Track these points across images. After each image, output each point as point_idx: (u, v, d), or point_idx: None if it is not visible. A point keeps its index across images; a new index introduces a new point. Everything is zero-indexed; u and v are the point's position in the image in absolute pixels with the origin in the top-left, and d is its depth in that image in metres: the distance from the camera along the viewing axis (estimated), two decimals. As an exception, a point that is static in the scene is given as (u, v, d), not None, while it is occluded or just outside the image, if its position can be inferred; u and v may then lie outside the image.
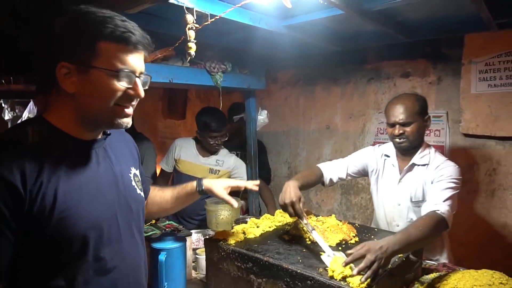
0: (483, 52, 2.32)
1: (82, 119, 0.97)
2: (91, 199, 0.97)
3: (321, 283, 1.15)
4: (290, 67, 3.39)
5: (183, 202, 1.45)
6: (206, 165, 2.59)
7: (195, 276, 1.75)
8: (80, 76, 0.91)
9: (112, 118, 0.97)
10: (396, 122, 1.74)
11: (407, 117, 1.72)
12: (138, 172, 1.21)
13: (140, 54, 0.97)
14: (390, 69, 2.84)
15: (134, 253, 1.11)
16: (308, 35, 2.15)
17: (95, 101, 0.94)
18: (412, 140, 1.76)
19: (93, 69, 0.91)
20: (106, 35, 0.89)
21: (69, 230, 0.92)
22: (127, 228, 1.08)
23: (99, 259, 0.98)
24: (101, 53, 0.90)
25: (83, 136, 1.00)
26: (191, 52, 1.31)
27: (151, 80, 1.98)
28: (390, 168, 1.90)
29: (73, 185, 0.94)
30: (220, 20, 1.44)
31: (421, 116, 1.76)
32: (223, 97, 2.29)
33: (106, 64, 0.91)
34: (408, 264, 1.36)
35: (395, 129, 1.75)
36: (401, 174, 1.84)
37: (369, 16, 1.77)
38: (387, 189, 1.90)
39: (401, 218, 1.86)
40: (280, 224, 1.73)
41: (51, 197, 0.90)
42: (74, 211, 0.92)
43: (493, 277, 1.27)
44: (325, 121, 3.27)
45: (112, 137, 1.11)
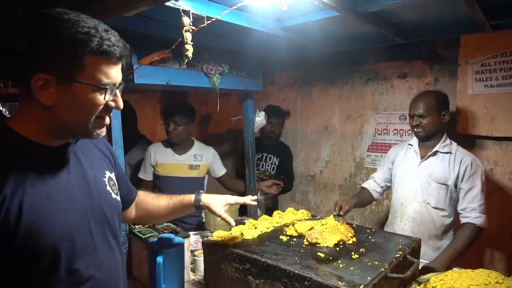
0: (479, 53, 2.33)
1: (56, 130, 0.94)
2: (62, 209, 0.92)
3: (319, 283, 1.15)
4: (288, 68, 3.41)
5: (177, 213, 1.44)
6: (185, 162, 2.59)
7: (194, 277, 1.75)
8: (60, 88, 0.87)
9: (90, 130, 0.95)
10: (414, 114, 2.02)
11: (423, 111, 1.99)
12: (113, 175, 1.17)
13: (120, 65, 0.95)
14: (387, 70, 2.85)
15: (110, 260, 1.06)
16: (304, 37, 2.16)
17: (75, 114, 0.91)
18: (427, 130, 2.02)
19: (76, 83, 0.87)
20: (92, 49, 0.86)
21: (38, 243, 0.86)
22: (101, 236, 1.03)
23: (72, 272, 0.94)
24: (85, 67, 0.87)
25: (51, 143, 0.95)
26: (188, 54, 1.32)
27: (150, 83, 1.99)
28: (412, 154, 2.15)
29: (41, 195, 0.89)
30: (216, 22, 1.45)
31: (437, 111, 1.99)
32: (222, 99, 2.29)
33: (90, 78, 0.88)
34: (406, 264, 1.36)
35: (413, 120, 2.04)
36: (422, 159, 2.08)
37: (364, 18, 1.78)
38: (406, 171, 2.14)
39: (415, 198, 2.07)
40: (278, 225, 1.73)
41: (16, 210, 0.84)
42: (43, 223, 0.87)
43: (489, 277, 1.27)
44: (323, 122, 3.28)
45: (84, 142, 1.07)
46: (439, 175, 1.99)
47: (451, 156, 1.99)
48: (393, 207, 2.21)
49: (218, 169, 2.75)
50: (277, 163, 3.24)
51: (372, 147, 2.99)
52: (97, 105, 0.92)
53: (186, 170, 2.58)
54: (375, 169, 2.96)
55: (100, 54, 0.88)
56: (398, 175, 2.19)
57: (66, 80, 0.87)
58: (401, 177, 2.17)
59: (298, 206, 3.44)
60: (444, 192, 1.98)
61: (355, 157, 3.09)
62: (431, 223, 2.02)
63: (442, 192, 1.99)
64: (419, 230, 2.04)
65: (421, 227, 2.04)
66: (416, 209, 2.06)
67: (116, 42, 0.91)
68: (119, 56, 0.92)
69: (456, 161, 1.97)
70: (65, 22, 0.85)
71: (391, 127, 2.87)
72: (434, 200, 2.00)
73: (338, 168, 3.21)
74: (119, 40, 0.92)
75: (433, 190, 2.00)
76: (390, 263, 1.29)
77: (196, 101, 4.39)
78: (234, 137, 3.84)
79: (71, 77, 0.87)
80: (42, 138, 0.93)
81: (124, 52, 0.93)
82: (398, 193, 2.18)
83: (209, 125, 4.30)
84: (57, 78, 0.86)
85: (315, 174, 3.38)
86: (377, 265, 1.27)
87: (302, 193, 3.49)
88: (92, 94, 0.90)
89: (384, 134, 2.91)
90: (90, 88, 0.89)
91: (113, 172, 1.17)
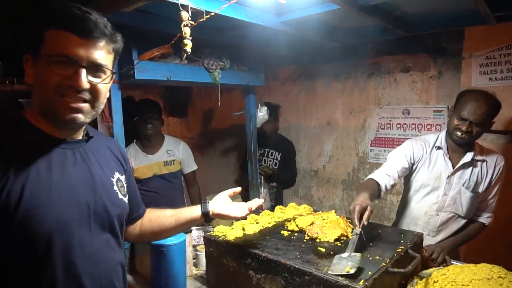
0: (483, 46, 2.30)
1: (41, 112, 0.95)
2: (61, 200, 0.93)
3: (319, 278, 1.15)
4: (290, 63, 3.39)
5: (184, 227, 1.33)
6: (159, 160, 2.61)
7: (196, 272, 1.76)
8: (33, 65, 0.91)
9: (57, 110, 0.92)
10: (468, 119, 1.70)
11: (480, 119, 1.69)
12: (124, 178, 1.16)
13: (92, 43, 0.91)
14: (390, 64, 2.83)
15: (108, 258, 1.05)
16: (305, 31, 2.14)
17: (40, 91, 0.93)
18: (474, 138, 1.77)
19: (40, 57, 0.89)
20: (52, 22, 0.87)
21: (33, 230, 0.88)
22: (100, 232, 1.02)
23: (68, 263, 0.94)
24: (46, 41, 0.88)
25: (57, 134, 0.97)
26: (187, 49, 1.31)
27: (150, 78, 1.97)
28: (440, 159, 1.88)
29: (43, 183, 0.90)
30: (216, 17, 1.44)
31: (490, 120, 1.75)
32: (224, 95, 2.29)
33: (48, 51, 0.88)
34: (407, 259, 1.36)
35: (463, 124, 1.72)
36: (455, 167, 1.84)
37: (366, 11, 1.76)
38: (435, 179, 1.88)
39: (443, 208, 1.88)
40: (279, 220, 1.73)
41: (17, 193, 0.86)
42: (40, 211, 0.88)
43: (492, 271, 1.26)
44: (326, 117, 3.27)
45: (97, 141, 1.09)
46: (473, 184, 1.83)
47: (486, 163, 1.84)
48: (413, 213, 1.98)
49: (188, 164, 2.75)
50: (279, 158, 3.23)
51: (375, 141, 2.97)
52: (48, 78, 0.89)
53: (162, 167, 2.61)
54: (378, 163, 2.95)
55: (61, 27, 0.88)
56: (422, 180, 1.92)
57: (35, 55, 0.90)
58: (426, 184, 1.91)
59: (301, 201, 3.44)
60: (476, 201, 1.86)
61: (358, 151, 3.08)
62: (456, 232, 1.92)
63: (475, 201, 1.85)
64: (442, 239, 1.91)
65: (445, 236, 1.92)
66: (443, 220, 1.90)
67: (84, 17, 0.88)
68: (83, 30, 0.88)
69: (490, 165, 1.83)
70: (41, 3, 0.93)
71: (394, 121, 2.85)
72: (465, 211, 1.86)
73: (341, 163, 3.20)
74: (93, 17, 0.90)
75: (466, 201, 1.84)
76: (391, 258, 1.28)
77: (199, 97, 4.39)
78: (237, 132, 3.84)
79: (37, 52, 0.89)
80: (47, 127, 0.96)
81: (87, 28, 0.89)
82: (421, 200, 1.94)
83: (212, 120, 4.30)
84: (30, 55, 0.91)
85: (318, 169, 3.37)
86: (378, 260, 1.27)
87: (305, 188, 3.48)
88: (47, 67, 0.89)
89: (387, 128, 2.89)
90: (46, 60, 0.88)
91: (123, 175, 1.17)
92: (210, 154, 4.36)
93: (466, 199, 1.83)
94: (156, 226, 1.30)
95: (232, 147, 4.08)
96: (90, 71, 0.93)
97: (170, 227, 1.30)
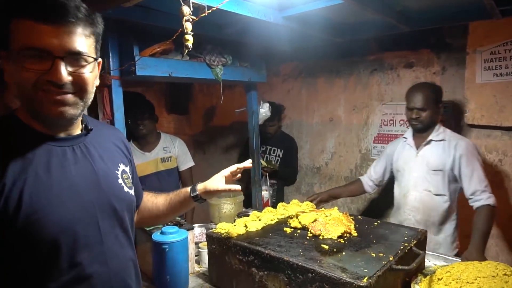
0: (488, 41, 2.27)
1: (28, 111, 0.88)
2: (63, 201, 0.88)
3: (322, 275, 1.14)
4: (292, 59, 3.36)
5: (177, 209, 1.34)
6: (156, 157, 2.61)
7: (198, 269, 1.75)
8: (6, 62, 0.83)
9: (41, 107, 0.84)
10: (414, 107, 2.07)
11: (423, 104, 2.04)
12: (128, 169, 1.12)
13: (64, 29, 0.81)
14: (393, 60, 2.80)
15: (118, 255, 1.01)
16: (308, 26, 2.12)
17: (17, 88, 0.84)
18: (426, 123, 2.08)
19: (11, 53, 0.80)
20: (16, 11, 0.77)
21: (36, 236, 0.83)
22: (109, 229, 0.98)
23: (74, 265, 0.90)
24: (13, 33, 0.79)
25: (52, 132, 0.91)
26: (188, 44, 1.29)
27: (151, 75, 1.95)
28: (407, 148, 2.23)
29: (42, 186, 0.85)
30: (218, 12, 1.42)
31: (435, 104, 2.07)
32: (226, 91, 2.28)
33: (16, 45, 0.79)
34: (411, 256, 1.35)
35: (413, 113, 2.09)
36: (418, 149, 2.15)
37: (369, 6, 1.74)
38: (405, 163, 2.21)
39: (415, 187, 2.13)
40: (282, 217, 1.72)
41: (15, 200, 0.81)
42: (41, 215, 0.84)
43: (497, 269, 1.25)
44: (328, 113, 3.25)
45: (98, 133, 1.03)
46: (435, 163, 2.06)
47: (445, 143, 2.06)
48: (396, 199, 2.29)
49: (184, 161, 2.75)
50: (281, 155, 3.22)
51: (378, 138, 2.95)
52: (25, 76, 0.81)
53: (159, 164, 2.61)
54: (381, 160, 2.94)
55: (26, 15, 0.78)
56: (398, 168, 2.26)
57: (5, 51, 0.82)
58: (401, 170, 2.23)
59: (303, 198, 3.41)
60: (441, 178, 2.05)
61: (361, 148, 3.06)
62: (434, 210, 2.07)
63: (440, 178, 2.05)
64: (422, 218, 2.10)
65: (425, 215, 2.09)
66: (417, 198, 2.12)
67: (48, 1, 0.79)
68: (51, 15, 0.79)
69: (451, 146, 2.04)
70: None
71: (397, 117, 2.83)
72: (434, 188, 2.06)
73: (344, 160, 3.18)
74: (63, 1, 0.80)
75: (432, 178, 2.07)
76: (395, 255, 1.27)
77: (200, 94, 4.37)
78: (239, 129, 3.83)
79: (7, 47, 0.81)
80: (40, 126, 0.90)
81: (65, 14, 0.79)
82: (400, 185, 2.25)
83: (213, 117, 4.29)
84: (3, 51, 0.82)
85: (320, 166, 3.36)
86: (382, 257, 1.26)
87: (308, 185, 3.47)
88: (20, 64, 0.80)
89: (390, 125, 2.87)
90: (20, 55, 0.80)
91: (128, 165, 1.12)
92: (212, 151, 4.35)
93: (431, 176, 2.07)
94: (153, 212, 1.32)
95: (234, 144, 4.06)
96: (69, 61, 0.84)
97: (166, 212, 1.32)
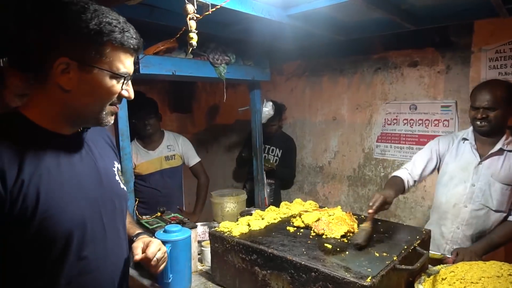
0: (493, 39, 2.26)
1: (70, 116, 0.96)
2: (74, 197, 0.94)
3: (326, 274, 1.14)
4: (296, 58, 3.36)
5: None
6: (160, 155, 2.63)
7: (201, 268, 1.76)
8: (81, 74, 0.90)
9: (103, 117, 0.98)
10: (481, 107, 1.77)
11: (492, 103, 1.74)
12: (120, 166, 1.20)
13: (133, 57, 1.00)
14: (397, 59, 2.79)
15: (118, 250, 1.09)
16: (312, 25, 2.11)
17: (91, 100, 0.95)
18: (494, 125, 1.78)
19: (97, 69, 0.91)
20: (115, 39, 0.91)
21: (52, 230, 0.88)
22: (112, 225, 1.06)
23: (82, 259, 0.96)
24: (106, 55, 0.91)
25: (62, 130, 0.97)
26: (192, 42, 1.29)
27: (155, 73, 1.99)
28: (467, 151, 1.91)
29: (55, 182, 0.91)
30: (222, 10, 1.42)
31: (507, 104, 1.76)
32: (229, 90, 2.27)
33: (110, 66, 0.92)
34: (415, 256, 1.34)
35: (478, 112, 1.79)
36: (482, 157, 1.85)
37: (373, 4, 1.73)
38: (461, 170, 1.91)
39: (472, 200, 1.86)
40: (285, 216, 1.72)
41: (34, 196, 0.86)
42: (56, 211, 0.89)
43: (501, 269, 1.24)
44: (332, 112, 3.24)
45: (93, 132, 1.10)
46: (504, 176, 1.80)
47: None
48: (442, 207, 1.98)
49: (190, 157, 2.78)
50: (279, 155, 3.23)
51: (382, 137, 2.94)
52: (113, 92, 0.95)
53: (163, 162, 2.63)
54: (384, 159, 2.92)
55: (121, 44, 0.92)
56: (449, 173, 1.95)
57: (88, 66, 0.90)
58: (454, 176, 1.93)
59: (306, 197, 3.42)
60: (509, 194, 1.81)
61: (364, 147, 3.05)
62: (488, 226, 1.86)
63: (507, 194, 1.81)
64: (473, 234, 1.88)
65: (476, 231, 1.87)
66: (473, 212, 1.86)
67: (134, 34, 0.96)
68: (136, 48, 0.97)
69: None
70: (89, 11, 0.88)
71: (401, 117, 2.82)
72: (496, 203, 1.81)
73: (347, 159, 3.17)
74: (136, 33, 0.97)
75: (495, 192, 1.81)
76: (399, 255, 1.27)
77: (204, 92, 4.37)
78: (242, 128, 3.82)
79: (93, 63, 0.90)
80: (54, 125, 0.96)
81: (139, 45, 0.98)
82: (449, 193, 1.95)
83: (217, 116, 4.29)
84: (79, 63, 0.89)
85: (323, 165, 3.35)
86: (386, 257, 1.25)
87: (311, 184, 3.46)
88: (109, 81, 0.94)
89: (394, 124, 2.86)
90: (109, 75, 0.93)
91: (119, 163, 1.20)
92: (215, 149, 4.36)
93: (495, 190, 1.81)
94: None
95: (237, 142, 4.06)
96: None
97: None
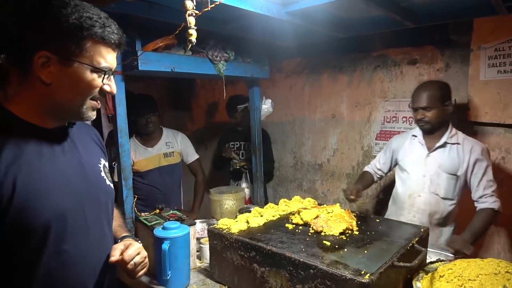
0: (492, 37, 2.26)
1: (50, 109, 0.96)
2: (56, 190, 0.95)
3: (324, 271, 1.14)
4: (295, 55, 3.35)
5: None
6: (159, 152, 2.63)
7: (200, 265, 1.76)
8: (61, 67, 0.91)
9: (83, 112, 0.99)
10: (419, 107, 1.98)
11: (428, 103, 1.95)
12: (107, 164, 1.20)
13: (116, 53, 1.01)
14: (396, 57, 2.79)
15: (102, 246, 1.09)
16: (311, 22, 2.10)
17: (72, 94, 0.95)
18: (433, 123, 1.99)
19: (77, 63, 0.92)
20: (96, 33, 0.92)
21: (30, 221, 0.89)
22: (96, 221, 1.06)
23: (61, 252, 0.96)
24: (86, 49, 0.92)
25: (44, 124, 0.98)
26: (191, 39, 1.28)
27: (154, 70, 1.98)
28: (417, 146, 2.13)
29: (36, 174, 0.91)
30: (221, 7, 1.41)
31: (441, 102, 1.96)
32: (228, 87, 2.26)
33: (90, 60, 0.93)
34: (413, 253, 1.34)
35: (417, 114, 2.01)
36: (430, 150, 2.06)
37: (373, 1, 1.72)
38: (413, 163, 2.12)
39: (424, 189, 2.06)
40: (284, 213, 1.72)
41: (10, 186, 0.87)
42: (36, 202, 0.90)
43: (499, 266, 1.25)
44: (331, 110, 3.24)
45: (78, 128, 1.10)
46: (449, 166, 1.99)
47: (458, 146, 2.00)
48: (399, 198, 2.20)
49: (189, 154, 2.78)
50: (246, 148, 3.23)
51: (381, 135, 2.94)
52: (94, 86, 0.96)
53: (162, 159, 2.63)
54: (383, 157, 2.93)
55: (101, 38, 0.93)
56: (404, 167, 2.18)
57: (68, 59, 0.91)
58: (407, 169, 2.15)
59: (305, 194, 3.43)
60: (454, 183, 2.00)
61: (363, 145, 3.06)
62: (438, 213, 2.05)
63: (452, 183, 2.00)
64: (426, 220, 2.06)
65: (429, 217, 2.06)
66: (425, 200, 2.06)
67: (116, 30, 0.97)
68: (118, 44, 0.98)
69: (466, 150, 1.98)
70: (70, 6, 0.90)
71: (400, 114, 2.82)
72: (443, 191, 2.01)
73: (346, 157, 3.18)
74: (118, 29, 0.98)
75: (443, 181, 2.01)
76: (397, 252, 1.27)
77: (202, 90, 4.37)
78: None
79: (73, 57, 0.91)
80: (37, 119, 0.96)
81: (121, 41, 0.99)
82: (405, 185, 2.17)
83: (215, 113, 4.28)
84: (59, 57, 0.90)
85: (322, 162, 3.35)
86: (384, 254, 1.25)
87: (309, 181, 3.47)
88: (90, 75, 0.94)
89: (393, 122, 2.86)
90: (90, 69, 0.94)
91: (106, 160, 1.20)
92: (214, 147, 4.35)
93: (443, 180, 2.00)
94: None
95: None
96: None
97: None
